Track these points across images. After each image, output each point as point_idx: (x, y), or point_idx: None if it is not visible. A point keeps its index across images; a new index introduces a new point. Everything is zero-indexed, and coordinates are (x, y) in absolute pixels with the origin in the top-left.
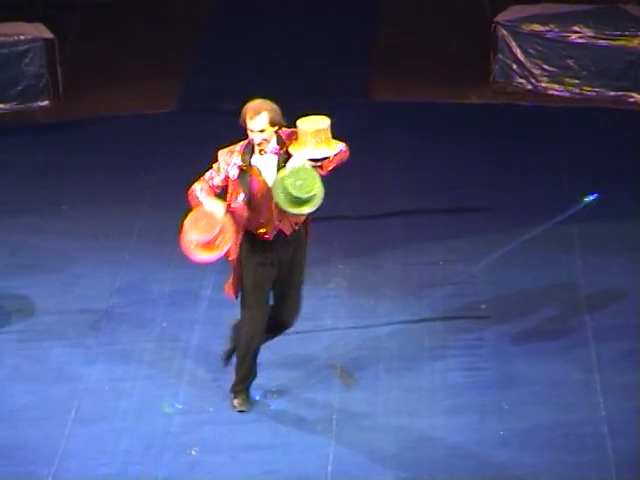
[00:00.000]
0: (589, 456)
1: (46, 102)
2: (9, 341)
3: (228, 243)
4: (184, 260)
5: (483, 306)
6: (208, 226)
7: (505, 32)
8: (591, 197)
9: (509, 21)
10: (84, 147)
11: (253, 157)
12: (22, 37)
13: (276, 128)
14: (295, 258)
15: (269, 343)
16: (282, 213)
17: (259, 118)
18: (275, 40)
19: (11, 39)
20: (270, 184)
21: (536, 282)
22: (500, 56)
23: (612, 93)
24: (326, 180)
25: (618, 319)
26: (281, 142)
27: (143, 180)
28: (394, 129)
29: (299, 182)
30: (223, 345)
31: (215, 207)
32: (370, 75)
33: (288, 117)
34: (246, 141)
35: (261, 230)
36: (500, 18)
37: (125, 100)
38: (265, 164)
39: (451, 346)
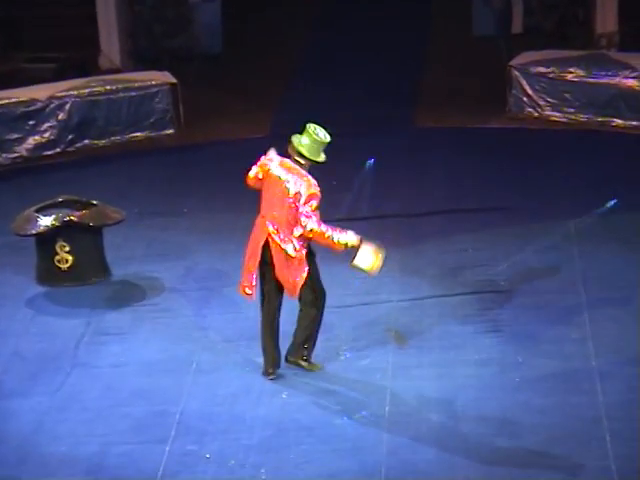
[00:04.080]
0: (584, 397)
1: (171, 131)
2: (145, 312)
3: None
4: None
5: (503, 282)
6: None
7: (517, 73)
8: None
9: (520, 65)
10: (200, 165)
11: None
12: (154, 82)
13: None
14: None
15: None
16: None
17: None
18: (345, 81)
19: (146, 84)
20: None
21: (543, 263)
22: (514, 91)
23: (599, 119)
24: (383, 189)
25: (607, 292)
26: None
27: (244, 189)
28: (433, 149)
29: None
30: None
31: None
32: (414, 107)
33: (356, 139)
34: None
35: None
36: (513, 62)
37: (231, 128)
38: None
39: (478, 314)
